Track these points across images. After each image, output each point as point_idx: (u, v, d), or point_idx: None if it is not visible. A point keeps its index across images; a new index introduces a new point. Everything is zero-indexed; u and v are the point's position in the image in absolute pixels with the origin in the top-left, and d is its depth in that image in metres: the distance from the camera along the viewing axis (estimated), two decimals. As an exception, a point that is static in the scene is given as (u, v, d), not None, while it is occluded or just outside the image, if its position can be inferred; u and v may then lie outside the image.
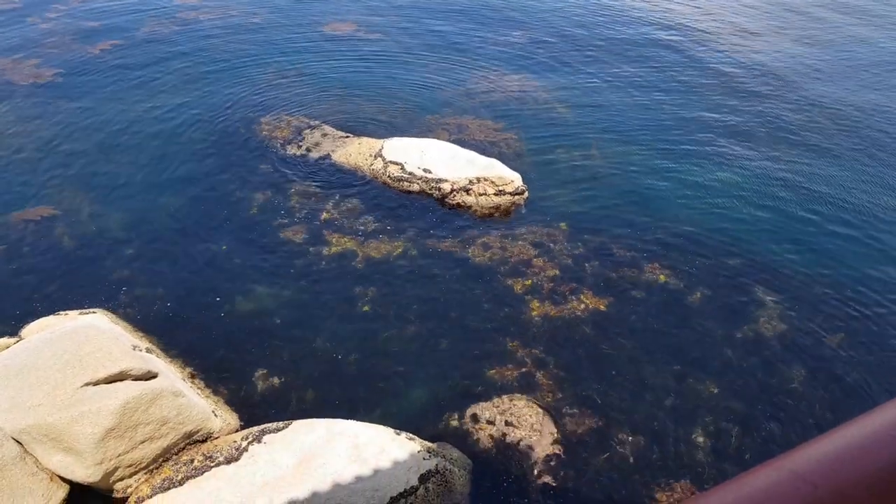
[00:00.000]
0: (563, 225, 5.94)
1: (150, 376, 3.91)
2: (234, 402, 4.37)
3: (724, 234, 5.93)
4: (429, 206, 6.12)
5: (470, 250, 5.66)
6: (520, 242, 5.74)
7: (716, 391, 4.49)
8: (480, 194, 6.02)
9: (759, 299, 5.23)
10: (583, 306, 5.11)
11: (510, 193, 6.04)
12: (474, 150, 6.73)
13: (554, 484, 3.90)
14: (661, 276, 5.42)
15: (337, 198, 6.19)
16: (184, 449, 3.86)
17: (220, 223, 5.89)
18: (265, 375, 4.54)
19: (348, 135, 7.13)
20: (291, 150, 6.87)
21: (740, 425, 4.27)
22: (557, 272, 5.42)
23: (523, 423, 4.19)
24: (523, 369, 4.61)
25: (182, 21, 9.94)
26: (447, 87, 8.34)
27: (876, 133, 7.60)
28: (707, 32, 10.27)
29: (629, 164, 6.89)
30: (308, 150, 6.85)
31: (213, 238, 5.72)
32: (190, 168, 6.58)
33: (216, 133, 7.16)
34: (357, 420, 4.02)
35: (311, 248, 5.62)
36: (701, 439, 4.19)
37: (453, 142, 6.96)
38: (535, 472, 3.96)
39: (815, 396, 4.46)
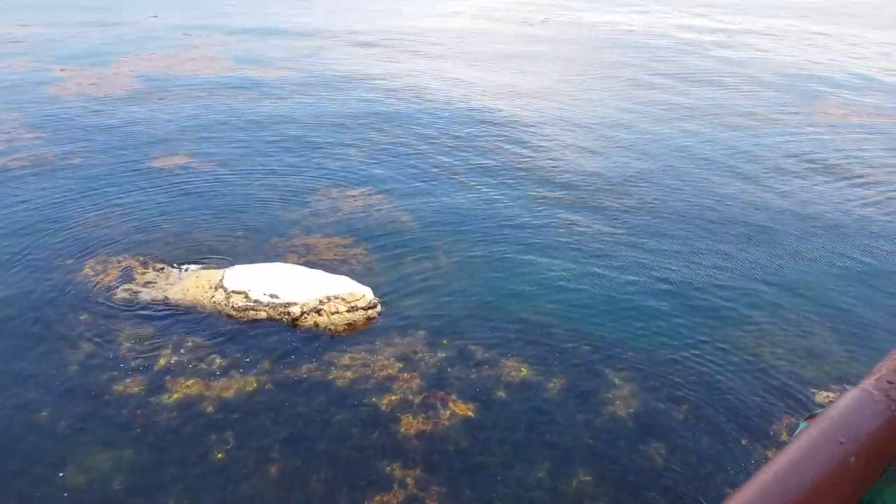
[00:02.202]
0: (420, 333, 5.90)
1: None
2: None
3: (569, 319, 6.20)
4: (280, 333, 5.82)
5: (330, 373, 5.39)
6: (380, 357, 5.59)
7: (588, 480, 4.49)
8: (333, 313, 5.86)
9: (609, 380, 5.43)
10: (452, 415, 4.99)
11: (363, 308, 5.94)
12: (324, 269, 6.61)
13: None
14: (522, 370, 5.49)
15: (175, 339, 5.68)
16: None
17: (37, 387, 5.14)
18: (102, 563, 3.85)
19: (185, 269, 6.71)
20: (120, 294, 6.29)
21: (618, 510, 4.28)
22: (422, 383, 5.30)
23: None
24: (403, 494, 4.33)
25: (-15, 168, 9.10)
26: (290, 208, 8.26)
27: (691, 207, 8.56)
28: (531, 126, 11.26)
29: (474, 264, 7.11)
30: (139, 291, 6.32)
31: (30, 406, 4.95)
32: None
33: (23, 287, 6.40)
34: None
35: (150, 400, 5.04)
36: (586, 533, 4.12)
37: (302, 263, 6.81)
38: None
39: (675, 471, 4.60)
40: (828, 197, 9.06)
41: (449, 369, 5.47)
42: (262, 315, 5.92)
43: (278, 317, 5.92)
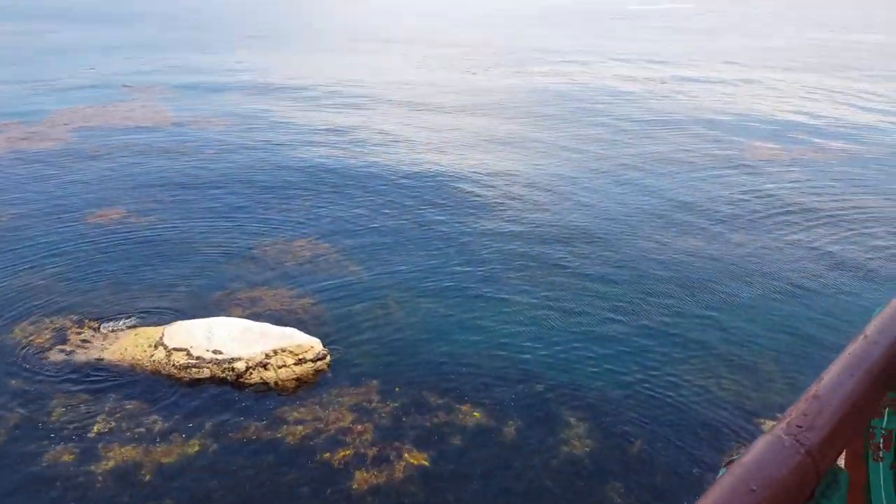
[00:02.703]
0: (373, 381, 5.76)
1: None
2: None
3: (521, 358, 6.17)
4: (225, 391, 5.57)
5: (280, 431, 5.18)
6: (332, 410, 5.41)
7: (550, 524, 4.41)
8: (280, 367, 5.66)
9: (563, 419, 5.39)
10: (407, 466, 4.83)
11: (311, 360, 5.77)
12: (270, 321, 6.42)
13: None
14: (476, 414, 5.40)
15: (112, 402, 5.37)
16: None
17: (-43, 463, 4.76)
18: None
19: (122, 327, 6.41)
20: (53, 356, 5.94)
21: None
22: (375, 434, 5.13)
23: None
24: (356, 554, 4.13)
25: None
26: (234, 260, 8.05)
27: (634, 240, 8.75)
28: (476, 171, 11.41)
29: (425, 307, 7.04)
30: (73, 351, 5.98)
31: (-53, 485, 4.56)
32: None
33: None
34: None
35: (83, 468, 4.72)
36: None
37: (248, 316, 6.60)
38: None
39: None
40: (762, 226, 9.44)
41: (403, 418, 5.33)
42: (206, 373, 5.67)
43: (222, 374, 5.68)
